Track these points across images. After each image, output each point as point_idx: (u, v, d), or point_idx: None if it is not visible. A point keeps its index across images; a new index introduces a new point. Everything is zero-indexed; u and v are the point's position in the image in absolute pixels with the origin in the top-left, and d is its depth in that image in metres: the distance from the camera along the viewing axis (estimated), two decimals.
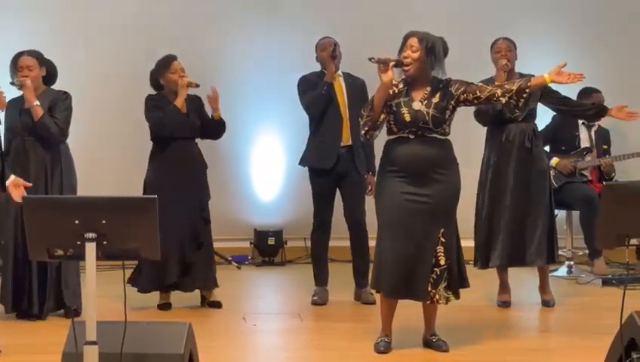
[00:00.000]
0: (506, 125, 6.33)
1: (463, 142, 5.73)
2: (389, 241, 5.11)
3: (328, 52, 6.47)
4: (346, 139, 6.48)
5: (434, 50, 5.16)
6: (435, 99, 5.15)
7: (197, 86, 6.29)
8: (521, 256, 6.31)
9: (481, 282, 6.56)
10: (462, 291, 5.29)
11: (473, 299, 6.36)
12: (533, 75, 5.53)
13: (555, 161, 7.63)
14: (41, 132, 5.93)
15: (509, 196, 6.26)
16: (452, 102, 5.17)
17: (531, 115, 6.35)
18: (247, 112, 8.31)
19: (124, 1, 8.26)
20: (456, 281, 5.20)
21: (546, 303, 6.41)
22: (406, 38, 5.20)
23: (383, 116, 5.14)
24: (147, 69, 6.43)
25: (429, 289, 5.10)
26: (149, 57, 6.54)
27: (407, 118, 5.11)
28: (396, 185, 5.12)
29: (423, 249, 5.09)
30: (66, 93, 6.09)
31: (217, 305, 6.36)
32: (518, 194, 6.25)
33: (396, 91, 5.18)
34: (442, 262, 5.11)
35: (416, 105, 5.14)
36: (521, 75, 6.31)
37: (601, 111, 6.53)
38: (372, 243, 6.46)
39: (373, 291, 5.61)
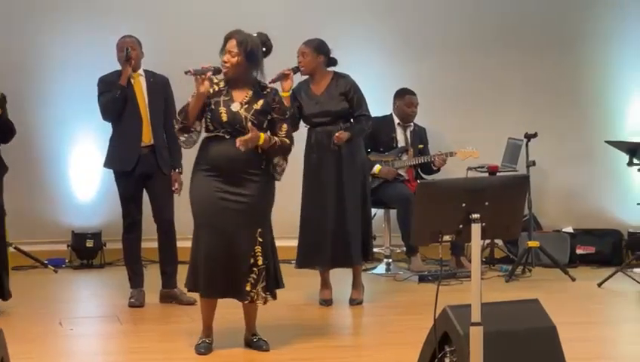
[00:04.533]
0: (313, 128, 6.45)
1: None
2: (204, 240, 5.07)
3: (122, 55, 6.33)
4: (147, 139, 6.36)
5: (253, 55, 5.11)
6: (257, 106, 5.11)
7: None
8: (345, 257, 6.40)
9: (304, 280, 6.62)
10: (285, 289, 5.32)
11: (295, 298, 6.41)
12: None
13: (377, 168, 7.73)
14: None
15: (327, 197, 6.35)
16: (270, 115, 5.15)
17: (340, 117, 6.43)
18: (65, 112, 8.08)
19: None
20: (273, 281, 5.20)
21: (352, 301, 6.49)
22: (226, 39, 5.13)
23: (197, 123, 5.08)
24: None
25: (249, 289, 5.10)
26: None
27: (224, 118, 5.07)
28: (211, 184, 5.07)
29: (240, 249, 5.06)
30: None
31: None
32: (334, 196, 6.34)
33: (216, 89, 5.14)
34: (260, 262, 5.11)
35: (236, 106, 5.10)
36: (337, 75, 6.44)
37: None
38: (181, 243, 6.45)
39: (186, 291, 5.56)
